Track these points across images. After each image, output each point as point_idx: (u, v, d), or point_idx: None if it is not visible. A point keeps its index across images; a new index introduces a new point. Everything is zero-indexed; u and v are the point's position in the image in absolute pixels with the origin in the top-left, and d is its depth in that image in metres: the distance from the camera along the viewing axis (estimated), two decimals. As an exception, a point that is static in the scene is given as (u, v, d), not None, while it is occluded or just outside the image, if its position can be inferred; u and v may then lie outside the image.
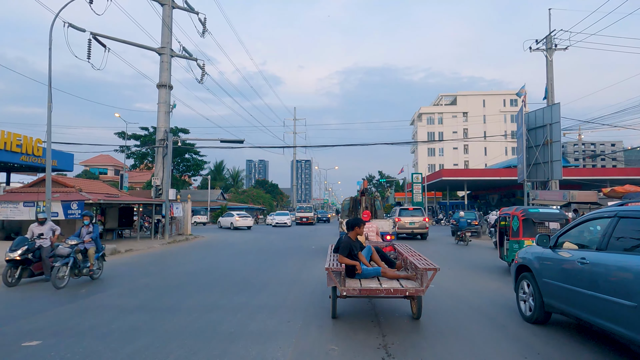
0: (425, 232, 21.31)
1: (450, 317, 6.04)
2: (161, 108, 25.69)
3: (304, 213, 44.55)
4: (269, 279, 9.41)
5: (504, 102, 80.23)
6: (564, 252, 5.12)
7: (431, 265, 5.53)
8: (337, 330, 5.42)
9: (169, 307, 6.75)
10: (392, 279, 5.98)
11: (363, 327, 5.54)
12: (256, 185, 75.53)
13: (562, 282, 4.96)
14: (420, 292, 5.38)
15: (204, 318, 6.03)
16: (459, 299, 7.35)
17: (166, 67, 25.99)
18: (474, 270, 10.87)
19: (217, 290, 8.19)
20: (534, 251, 5.82)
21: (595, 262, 4.43)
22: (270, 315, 6.18)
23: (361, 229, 6.41)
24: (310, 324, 5.71)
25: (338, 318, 5.92)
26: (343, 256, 5.96)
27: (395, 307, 6.59)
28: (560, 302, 5.04)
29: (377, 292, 5.47)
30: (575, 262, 4.74)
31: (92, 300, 7.43)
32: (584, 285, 4.53)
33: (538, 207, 10.51)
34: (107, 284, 8.92)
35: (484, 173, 46.86)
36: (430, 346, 4.77)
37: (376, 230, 10.01)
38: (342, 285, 5.60)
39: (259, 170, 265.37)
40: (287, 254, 14.49)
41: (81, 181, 19.99)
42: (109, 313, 6.36)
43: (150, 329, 5.47)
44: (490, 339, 5.07)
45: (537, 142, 21.03)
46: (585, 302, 4.52)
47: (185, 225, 24.10)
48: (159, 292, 8.04)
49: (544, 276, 5.39)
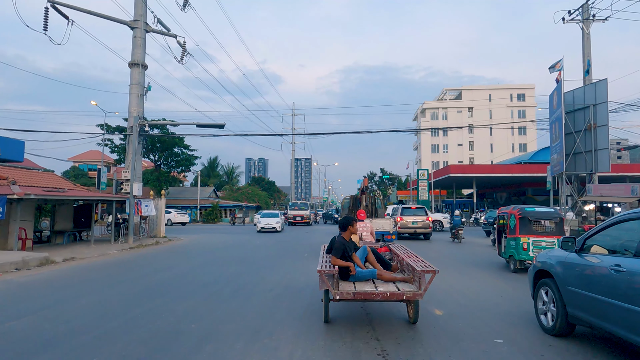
0: (428, 232, 20.15)
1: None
2: (133, 90, 22.08)
3: (298, 211, 36.95)
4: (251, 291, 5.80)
5: (511, 97, 76.50)
6: (592, 257, 4.54)
7: (430, 268, 5.16)
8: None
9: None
10: (388, 281, 5.62)
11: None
12: (252, 182, 71.59)
13: (591, 292, 4.35)
14: (419, 296, 5.06)
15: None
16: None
17: (139, 43, 22.38)
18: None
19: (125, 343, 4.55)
20: (557, 255, 5.23)
21: (633, 271, 3.78)
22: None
23: (354, 227, 6.09)
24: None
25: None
26: (336, 257, 5.61)
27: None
28: (588, 314, 4.44)
29: (372, 296, 5.09)
30: (607, 269, 4.14)
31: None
32: (619, 297, 3.91)
33: (534, 207, 10.59)
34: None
35: (494, 169, 43.17)
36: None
37: (370, 230, 9.36)
38: (335, 288, 5.21)
39: (259, 168, 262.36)
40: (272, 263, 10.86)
41: (23, 173, 16.34)
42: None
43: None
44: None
45: (576, 127, 17.37)
46: (620, 315, 3.89)
47: (159, 226, 20.49)
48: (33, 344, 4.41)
49: (568, 284, 4.79)
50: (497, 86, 75.59)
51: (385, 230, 15.95)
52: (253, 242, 19.24)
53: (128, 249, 15.67)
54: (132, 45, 22.53)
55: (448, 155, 74.40)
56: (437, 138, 76.57)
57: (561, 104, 16.73)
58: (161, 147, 42.14)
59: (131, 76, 22.30)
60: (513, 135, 76.01)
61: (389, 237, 15.43)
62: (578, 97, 17.50)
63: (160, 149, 42.46)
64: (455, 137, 76.15)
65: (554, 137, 18.04)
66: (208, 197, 49.47)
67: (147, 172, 44.86)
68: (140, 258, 13.39)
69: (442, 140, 76.39)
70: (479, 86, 75.90)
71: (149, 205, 18.76)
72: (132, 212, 16.97)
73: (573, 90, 17.84)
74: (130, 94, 22.02)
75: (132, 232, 17.12)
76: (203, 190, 50.78)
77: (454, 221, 19.51)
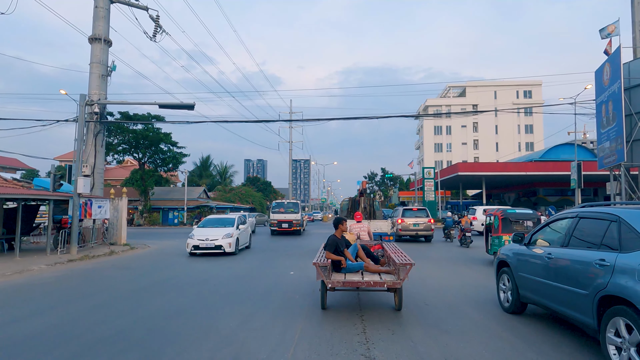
0: (430, 234, 19.76)
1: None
2: (94, 69, 18.51)
3: (284, 214, 25.24)
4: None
5: (517, 94, 72.92)
6: (536, 248, 5.57)
7: (407, 261, 6.02)
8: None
9: None
10: (374, 272, 6.47)
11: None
12: (247, 182, 67.67)
13: (534, 275, 5.42)
14: (397, 285, 5.83)
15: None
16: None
17: (102, 15, 18.81)
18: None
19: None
20: (513, 248, 6.27)
21: (558, 257, 4.97)
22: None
23: (344, 226, 7.12)
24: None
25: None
26: (330, 252, 6.54)
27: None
28: (532, 294, 5.50)
29: (359, 284, 5.92)
30: (543, 257, 5.24)
31: None
32: (550, 278, 5.04)
33: (515, 209, 11.91)
34: None
35: (505, 167, 39.40)
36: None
37: (368, 230, 9.48)
38: (329, 278, 5.90)
39: (258, 169, 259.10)
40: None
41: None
42: None
43: None
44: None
45: (636, 107, 13.71)
46: (550, 292, 5.00)
47: (119, 232, 16.80)
48: None
49: (519, 270, 5.86)
50: (502, 82, 71.83)
51: (384, 231, 16.18)
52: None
53: (66, 262, 12.03)
54: (93, 17, 19.02)
55: (452, 155, 70.68)
56: (440, 137, 72.93)
57: (619, 77, 13.08)
58: (145, 144, 38.44)
59: (92, 53, 18.72)
60: (519, 134, 72.41)
61: (387, 238, 15.54)
62: (635, 70, 13.84)
63: (144, 145, 38.75)
64: (459, 135, 72.54)
65: (603, 122, 14.36)
66: (198, 198, 45.75)
67: (132, 172, 41.20)
68: (64, 279, 9.70)
69: (446, 139, 72.74)
70: (484, 82, 72.19)
71: (103, 206, 15.10)
72: (75, 215, 13.32)
73: (628, 62, 14.18)
74: (90, 74, 18.45)
75: (75, 239, 13.47)
76: (193, 191, 47.09)
77: (446, 222, 20.52)
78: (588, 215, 4.81)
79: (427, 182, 39.39)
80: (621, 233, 4.13)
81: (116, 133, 37.54)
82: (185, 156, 42.33)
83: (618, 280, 3.87)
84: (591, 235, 4.60)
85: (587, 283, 4.26)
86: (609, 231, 4.33)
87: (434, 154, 71.72)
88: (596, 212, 4.69)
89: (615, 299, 3.95)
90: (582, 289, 4.33)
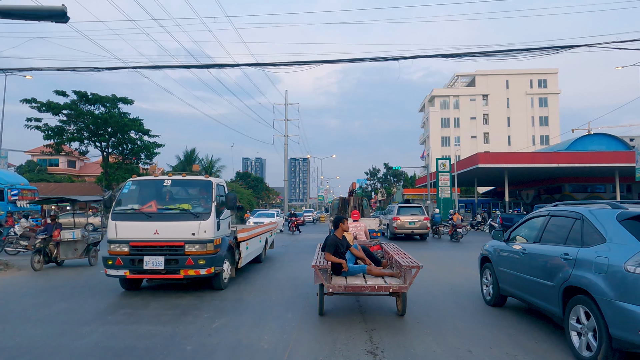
0: (425, 232, 20.11)
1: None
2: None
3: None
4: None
5: (531, 83, 67.75)
6: (515, 244, 6.04)
7: (414, 263, 5.67)
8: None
9: None
10: (377, 276, 6.14)
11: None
12: (236, 178, 61.04)
13: (511, 270, 5.93)
14: (404, 289, 5.59)
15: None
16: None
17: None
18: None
19: None
20: (494, 244, 6.72)
21: (530, 252, 5.45)
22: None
23: (345, 225, 6.59)
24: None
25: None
26: (330, 254, 6.12)
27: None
28: (510, 287, 6.01)
29: (362, 289, 5.60)
30: (519, 252, 5.74)
31: None
32: (524, 271, 5.53)
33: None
34: None
35: (534, 159, 32.67)
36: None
37: (364, 230, 9.61)
38: (329, 282, 5.70)
39: (256, 168, 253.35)
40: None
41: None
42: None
43: None
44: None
45: None
46: (524, 284, 5.53)
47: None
48: None
49: (499, 265, 6.34)
50: (515, 71, 66.12)
51: (372, 228, 16.47)
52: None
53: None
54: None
55: (460, 149, 65.33)
56: (447, 130, 67.37)
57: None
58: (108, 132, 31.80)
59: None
60: (534, 127, 67.07)
61: (375, 234, 16.17)
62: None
63: (108, 134, 32.10)
64: (468, 128, 67.29)
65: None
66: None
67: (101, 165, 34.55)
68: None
69: (454, 132, 67.31)
70: (495, 71, 66.30)
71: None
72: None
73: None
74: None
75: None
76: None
77: (434, 219, 21.37)
78: (558, 213, 5.33)
79: (441, 176, 33.12)
80: (583, 230, 4.65)
81: (74, 117, 30.84)
82: (159, 146, 35.87)
83: (578, 272, 4.37)
84: (559, 232, 5.10)
85: (554, 275, 4.78)
86: (574, 228, 4.83)
87: (441, 148, 66.51)
88: (565, 210, 5.22)
89: (576, 289, 4.45)
90: (550, 280, 4.86)
